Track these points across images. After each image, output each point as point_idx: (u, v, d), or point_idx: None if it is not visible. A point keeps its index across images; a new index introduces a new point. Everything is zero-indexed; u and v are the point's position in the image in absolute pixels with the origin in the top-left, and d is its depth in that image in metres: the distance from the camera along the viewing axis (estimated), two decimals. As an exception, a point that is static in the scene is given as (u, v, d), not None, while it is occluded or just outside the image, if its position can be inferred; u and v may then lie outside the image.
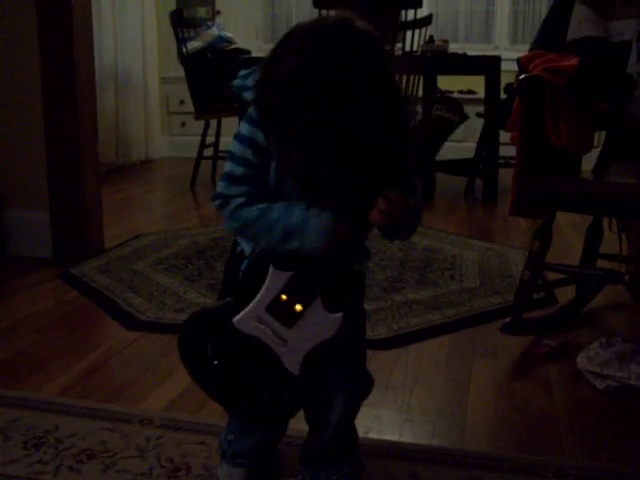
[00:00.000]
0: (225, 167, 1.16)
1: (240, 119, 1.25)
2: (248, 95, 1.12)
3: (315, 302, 1.11)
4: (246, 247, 1.18)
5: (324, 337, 1.12)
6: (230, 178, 1.14)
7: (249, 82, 1.13)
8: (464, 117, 1.07)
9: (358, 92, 1.02)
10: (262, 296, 1.12)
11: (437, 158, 4.53)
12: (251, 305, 1.12)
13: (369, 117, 1.03)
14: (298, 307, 1.11)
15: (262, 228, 1.11)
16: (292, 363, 1.13)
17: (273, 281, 1.11)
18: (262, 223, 1.11)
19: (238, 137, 1.14)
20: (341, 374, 1.22)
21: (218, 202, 1.16)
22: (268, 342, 1.13)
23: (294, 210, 1.10)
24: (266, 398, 1.17)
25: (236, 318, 1.13)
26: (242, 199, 1.13)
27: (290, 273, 1.10)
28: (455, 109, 1.08)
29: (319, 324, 1.12)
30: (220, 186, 1.16)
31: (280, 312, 1.11)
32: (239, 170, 1.13)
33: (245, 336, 1.13)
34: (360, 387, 1.28)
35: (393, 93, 1.09)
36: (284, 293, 1.11)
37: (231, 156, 1.15)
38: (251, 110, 1.13)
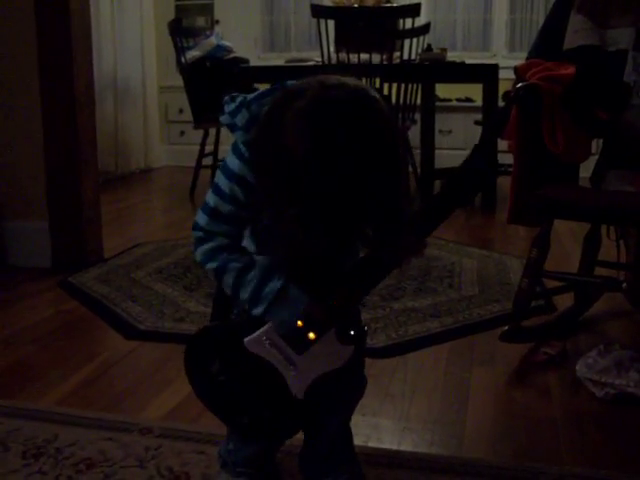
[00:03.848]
0: (208, 198, 1.09)
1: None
2: (239, 135, 1.05)
3: (329, 332, 1.10)
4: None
5: (334, 367, 1.12)
6: (214, 213, 1.09)
7: (238, 121, 1.05)
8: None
9: (364, 179, 0.95)
10: None
11: (435, 166, 4.56)
12: (265, 327, 1.11)
13: (368, 203, 0.97)
14: (311, 335, 1.09)
15: (235, 284, 1.09)
16: (298, 388, 1.13)
17: None
18: (237, 280, 1.09)
19: (226, 171, 1.07)
20: (342, 384, 1.21)
21: (199, 235, 1.11)
22: (277, 365, 1.12)
23: (269, 278, 1.08)
24: (267, 418, 1.17)
25: (248, 339, 1.11)
26: (226, 241, 1.09)
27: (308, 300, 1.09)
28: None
29: (330, 354, 1.11)
30: (202, 219, 1.10)
31: (293, 338, 1.10)
32: (226, 207, 1.08)
33: (253, 356, 1.12)
34: (359, 392, 1.28)
35: (399, 178, 1.01)
36: (300, 319, 1.09)
37: (217, 190, 1.08)
38: (243, 146, 1.05)
